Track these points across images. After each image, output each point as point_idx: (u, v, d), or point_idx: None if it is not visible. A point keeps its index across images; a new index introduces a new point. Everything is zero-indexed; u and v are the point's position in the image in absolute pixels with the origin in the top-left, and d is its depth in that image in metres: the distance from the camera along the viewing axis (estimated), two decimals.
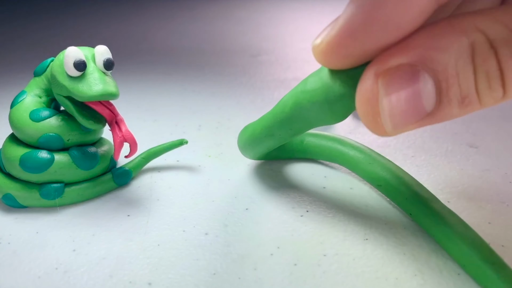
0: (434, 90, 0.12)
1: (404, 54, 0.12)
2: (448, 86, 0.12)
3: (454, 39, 0.12)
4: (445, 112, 0.12)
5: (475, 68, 0.12)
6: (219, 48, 0.54)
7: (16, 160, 0.20)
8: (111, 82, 0.20)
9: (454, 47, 0.12)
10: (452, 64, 0.12)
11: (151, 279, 0.17)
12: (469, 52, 0.12)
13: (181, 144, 0.25)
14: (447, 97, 0.12)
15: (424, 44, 0.12)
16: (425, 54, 0.12)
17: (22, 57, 0.49)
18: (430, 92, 0.12)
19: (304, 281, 0.17)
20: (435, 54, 0.12)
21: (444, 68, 0.12)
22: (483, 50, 0.12)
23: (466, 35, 0.12)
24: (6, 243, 0.19)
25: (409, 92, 0.12)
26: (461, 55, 0.12)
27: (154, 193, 0.23)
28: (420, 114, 0.12)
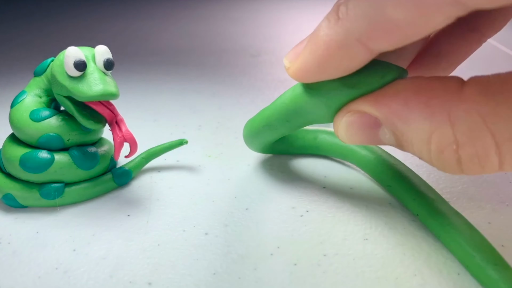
0: (393, 139, 0.15)
1: (377, 106, 0.14)
2: (402, 145, 0.14)
3: (420, 120, 0.13)
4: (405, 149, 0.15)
5: (429, 151, 0.13)
6: (219, 48, 0.54)
7: (16, 160, 0.20)
8: (111, 82, 0.20)
9: (415, 126, 0.13)
10: (408, 136, 0.14)
11: (151, 279, 0.17)
12: (426, 137, 0.13)
13: (181, 144, 0.25)
14: (402, 148, 0.15)
15: (395, 109, 0.14)
16: (391, 118, 0.14)
17: (22, 57, 0.49)
18: (388, 139, 0.15)
19: (304, 281, 0.17)
20: (399, 123, 0.14)
21: (401, 135, 0.14)
22: (442, 143, 0.13)
23: (433, 120, 0.13)
24: (6, 243, 0.19)
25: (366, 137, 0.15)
26: (418, 135, 0.13)
27: (154, 193, 0.23)
28: (378, 143, 0.15)
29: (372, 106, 0.15)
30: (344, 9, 0.14)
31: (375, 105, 0.15)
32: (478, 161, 0.12)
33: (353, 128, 0.15)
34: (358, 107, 0.15)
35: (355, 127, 0.15)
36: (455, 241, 0.17)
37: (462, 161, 0.13)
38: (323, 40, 0.14)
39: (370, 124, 0.15)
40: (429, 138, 0.13)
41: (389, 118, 0.14)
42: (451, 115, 0.13)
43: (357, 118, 0.15)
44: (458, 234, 0.17)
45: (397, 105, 0.14)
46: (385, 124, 0.14)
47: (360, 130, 0.15)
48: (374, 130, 0.15)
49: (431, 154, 0.13)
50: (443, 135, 0.13)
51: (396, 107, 0.14)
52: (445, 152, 0.13)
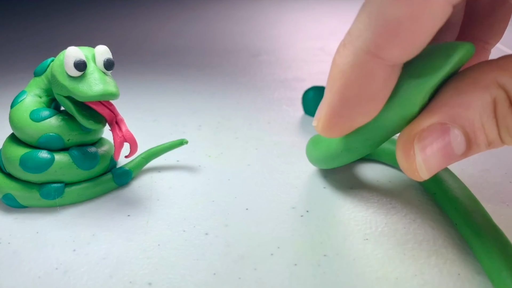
0: (464, 139, 0.14)
1: (434, 114, 0.14)
2: (475, 136, 0.14)
3: (477, 97, 0.13)
4: (474, 152, 0.14)
5: (497, 122, 0.13)
6: (219, 48, 0.54)
7: (16, 160, 0.20)
8: (111, 82, 0.20)
9: (478, 104, 0.13)
10: (477, 119, 0.13)
11: (151, 279, 0.17)
12: (491, 109, 0.13)
13: (181, 144, 0.25)
14: (475, 143, 0.14)
15: (451, 102, 0.14)
16: (452, 112, 0.14)
17: (22, 57, 0.49)
18: (460, 143, 0.14)
19: (304, 281, 0.17)
20: (461, 111, 0.13)
21: (471, 123, 0.13)
22: (504, 107, 0.13)
23: (489, 91, 0.13)
24: (6, 243, 0.19)
25: (441, 145, 0.14)
26: (484, 111, 0.13)
27: (154, 193, 0.23)
28: (452, 158, 0.14)
29: (430, 115, 0.14)
30: (347, 36, 0.13)
31: (432, 114, 0.14)
32: None
33: (428, 149, 0.14)
34: (419, 126, 0.14)
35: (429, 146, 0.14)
36: (486, 254, 0.17)
37: None
38: (337, 71, 0.14)
39: (440, 133, 0.14)
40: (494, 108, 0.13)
41: (451, 113, 0.14)
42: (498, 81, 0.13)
43: (426, 136, 0.14)
44: (490, 247, 0.17)
45: (451, 99, 0.14)
46: (452, 123, 0.14)
47: (435, 147, 0.14)
48: (446, 138, 0.14)
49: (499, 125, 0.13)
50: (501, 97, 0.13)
51: (452, 101, 0.14)
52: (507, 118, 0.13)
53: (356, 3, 0.86)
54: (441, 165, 0.14)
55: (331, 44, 0.56)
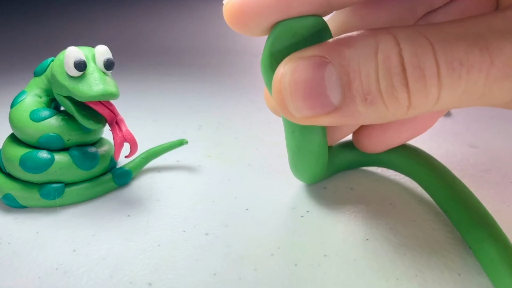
0: (339, 83, 0.13)
1: (317, 47, 0.13)
2: (349, 80, 0.12)
3: (363, 38, 0.12)
4: (351, 109, 0.13)
5: (376, 64, 0.12)
6: (220, 48, 0.54)
7: (16, 160, 0.20)
8: (111, 82, 0.20)
9: (360, 43, 0.12)
10: (355, 59, 0.12)
11: (151, 279, 0.17)
12: (372, 49, 0.12)
13: (181, 144, 0.25)
14: (349, 92, 0.13)
15: (337, 40, 0.13)
16: (334, 47, 0.13)
17: (22, 57, 0.49)
18: (334, 84, 0.13)
19: (304, 282, 0.17)
20: (342, 49, 0.13)
21: (347, 63, 0.12)
22: (387, 47, 0.12)
23: (376, 36, 0.12)
24: (6, 243, 0.19)
25: (312, 77, 0.13)
26: (364, 51, 0.12)
27: (154, 193, 0.23)
28: (327, 106, 0.13)
29: (312, 49, 0.13)
30: None
31: (315, 47, 0.13)
32: (418, 61, 0.12)
33: (297, 74, 0.13)
34: (297, 54, 0.14)
35: (299, 73, 0.13)
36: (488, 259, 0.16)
37: (406, 65, 0.12)
38: None
39: (316, 64, 0.13)
40: (376, 48, 0.12)
41: (333, 48, 0.13)
42: (391, 31, 0.12)
43: (299, 64, 0.13)
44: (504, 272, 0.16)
45: (338, 38, 0.13)
46: (331, 58, 0.13)
47: (305, 77, 0.13)
48: (320, 71, 0.13)
49: (379, 71, 0.12)
50: (387, 41, 0.12)
51: (338, 40, 0.13)
52: (390, 56, 0.12)
53: None
54: (312, 108, 0.13)
55: None
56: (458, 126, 0.31)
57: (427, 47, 0.12)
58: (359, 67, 0.12)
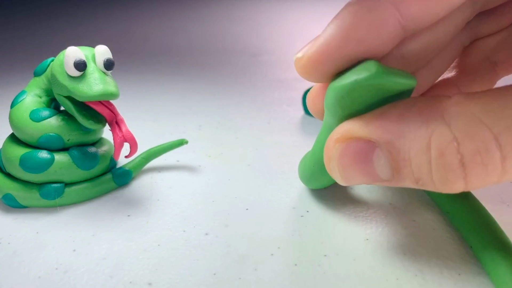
0: (388, 165, 0.13)
1: (367, 127, 0.13)
2: (399, 168, 0.13)
3: (415, 128, 0.12)
4: (402, 183, 0.13)
5: (429, 159, 0.12)
6: (219, 48, 0.54)
7: (16, 160, 0.20)
8: (111, 82, 0.20)
9: (411, 136, 0.12)
10: (405, 151, 0.13)
11: (151, 279, 0.17)
12: (425, 143, 0.12)
13: (181, 144, 0.25)
14: (400, 174, 0.13)
15: (388, 126, 0.13)
16: (384, 136, 0.13)
17: (22, 57, 0.49)
18: (384, 166, 0.13)
19: (304, 282, 0.17)
20: (394, 138, 0.13)
21: (397, 152, 0.13)
22: (442, 142, 0.12)
23: (428, 125, 0.12)
24: (6, 243, 0.19)
25: (360, 159, 0.14)
26: (415, 145, 0.12)
27: (154, 193, 0.23)
28: (376, 179, 0.14)
29: (362, 127, 0.13)
30: None
31: (365, 126, 0.13)
32: (481, 158, 0.12)
33: (346, 157, 0.14)
34: (347, 132, 0.14)
35: (348, 156, 0.14)
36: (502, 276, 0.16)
37: (464, 161, 0.12)
38: (349, 10, 0.13)
39: (363, 149, 0.13)
40: (428, 143, 0.12)
41: (383, 136, 0.13)
42: (445, 117, 0.12)
43: (348, 145, 0.14)
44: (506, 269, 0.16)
45: (390, 122, 0.13)
46: (380, 145, 0.13)
47: (353, 159, 0.14)
48: (369, 157, 0.13)
49: (432, 164, 0.12)
50: (441, 135, 0.12)
51: (389, 123, 0.13)
52: (446, 153, 0.12)
53: None
54: (360, 180, 0.14)
55: None
56: None
57: (490, 142, 0.11)
58: (410, 158, 0.13)
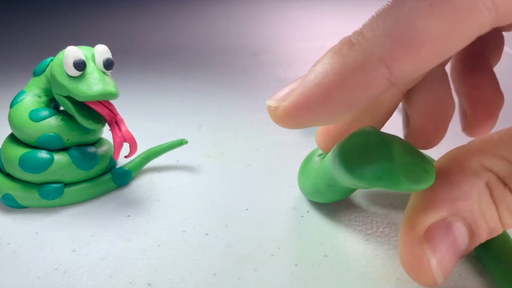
0: (467, 232, 0.13)
1: (433, 210, 0.13)
2: (477, 227, 0.13)
3: (471, 185, 0.13)
4: (475, 244, 0.14)
5: (496, 206, 0.13)
6: (219, 48, 0.54)
7: (15, 160, 0.20)
8: (111, 81, 0.20)
9: (474, 193, 0.13)
10: (477, 209, 0.13)
11: (151, 279, 0.17)
12: (487, 194, 0.13)
13: (181, 144, 0.25)
14: (478, 234, 0.13)
15: (448, 197, 0.13)
16: (452, 206, 0.13)
17: (21, 57, 0.49)
18: (463, 236, 0.13)
19: (304, 282, 0.17)
20: (459, 204, 0.13)
21: (471, 214, 0.13)
22: (498, 189, 0.13)
23: (480, 177, 0.13)
24: (6, 243, 0.19)
25: (448, 242, 0.13)
26: (482, 198, 0.13)
27: (154, 193, 0.23)
28: (459, 255, 0.13)
29: (429, 212, 0.13)
30: (358, 36, 0.12)
31: (431, 210, 0.13)
32: None
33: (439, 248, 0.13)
34: (421, 225, 0.13)
35: (439, 245, 0.13)
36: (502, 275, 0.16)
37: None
38: (332, 66, 0.12)
39: (445, 230, 0.13)
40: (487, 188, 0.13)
41: (452, 208, 0.13)
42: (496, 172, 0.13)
43: (433, 235, 0.13)
44: None
45: (446, 192, 0.13)
46: (454, 217, 0.13)
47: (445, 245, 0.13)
48: (451, 234, 0.13)
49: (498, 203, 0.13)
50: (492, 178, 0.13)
51: (447, 194, 0.13)
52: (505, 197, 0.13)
53: (356, 3, 0.86)
54: (452, 265, 0.13)
55: (332, 43, 0.55)
56: (458, 126, 0.31)
57: None
58: (483, 213, 0.13)
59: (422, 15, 0.11)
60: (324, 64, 0.13)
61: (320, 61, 0.13)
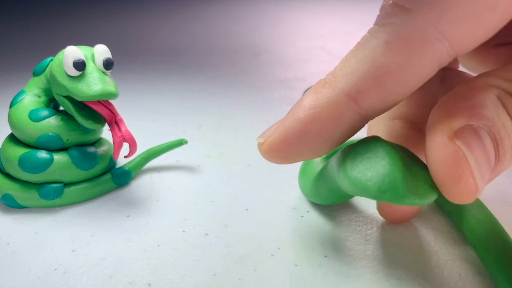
0: (492, 144, 0.12)
1: (458, 117, 0.12)
2: (501, 138, 0.12)
3: (483, 96, 0.12)
4: (501, 166, 0.13)
5: None
6: (219, 47, 0.54)
7: (15, 160, 0.20)
8: (111, 81, 0.20)
9: (489, 102, 0.12)
10: (496, 117, 0.12)
11: (150, 280, 0.17)
12: (501, 106, 0.12)
13: (180, 144, 0.24)
14: (502, 148, 0.12)
15: (467, 106, 0.12)
16: (473, 113, 0.12)
17: (21, 57, 0.49)
18: (490, 146, 0.12)
19: (304, 282, 0.17)
20: (481, 111, 0.12)
21: (493, 122, 0.12)
22: (510, 101, 0.12)
23: (491, 91, 0.13)
24: (5, 243, 0.19)
25: (481, 149, 0.12)
26: (498, 108, 0.12)
27: (153, 193, 0.22)
28: (491, 168, 0.12)
29: (454, 118, 0.12)
30: (330, 76, 0.14)
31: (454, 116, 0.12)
32: None
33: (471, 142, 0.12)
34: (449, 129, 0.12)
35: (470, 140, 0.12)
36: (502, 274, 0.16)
37: None
38: (308, 103, 0.14)
39: (474, 135, 0.12)
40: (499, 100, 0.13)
41: (475, 114, 0.12)
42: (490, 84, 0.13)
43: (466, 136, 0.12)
44: None
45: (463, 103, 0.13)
46: (478, 123, 0.12)
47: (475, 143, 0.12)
48: (481, 142, 0.12)
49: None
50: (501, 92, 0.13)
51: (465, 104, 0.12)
52: None
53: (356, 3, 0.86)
54: (487, 177, 0.12)
55: (332, 43, 0.56)
56: None
57: None
58: (504, 124, 0.12)
59: (380, 52, 0.12)
60: (301, 101, 0.14)
61: (299, 99, 0.14)
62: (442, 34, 0.12)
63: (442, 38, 0.12)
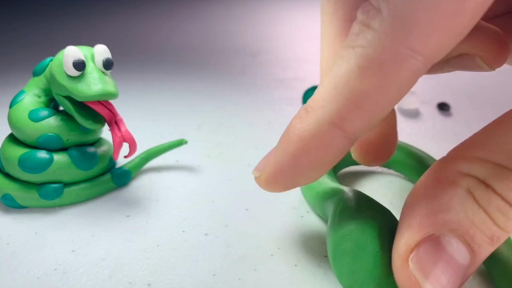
0: (462, 245, 0.12)
1: (416, 230, 0.13)
2: (472, 236, 0.12)
3: (450, 195, 0.12)
4: (481, 255, 0.13)
5: (484, 210, 0.12)
6: (219, 47, 0.54)
7: (15, 160, 0.20)
8: (110, 81, 0.20)
9: (455, 202, 0.12)
10: (463, 217, 0.12)
11: (150, 280, 0.17)
12: (471, 200, 0.12)
13: (180, 144, 0.24)
14: (476, 245, 0.12)
15: (427, 211, 0.13)
16: (434, 220, 0.12)
17: (21, 57, 0.49)
18: (459, 249, 0.12)
19: (304, 282, 0.16)
20: (443, 216, 0.12)
21: (459, 224, 0.12)
22: (481, 192, 0.12)
23: (459, 185, 0.12)
24: (5, 243, 0.19)
25: (442, 264, 0.12)
26: (466, 206, 0.12)
27: (153, 193, 0.22)
28: (462, 271, 0.12)
29: (412, 232, 0.13)
30: (311, 103, 0.14)
31: (414, 229, 0.13)
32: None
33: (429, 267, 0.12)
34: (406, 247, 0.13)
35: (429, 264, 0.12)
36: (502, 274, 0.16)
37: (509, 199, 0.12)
38: (295, 134, 0.14)
39: (433, 246, 0.12)
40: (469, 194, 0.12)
41: (435, 222, 0.12)
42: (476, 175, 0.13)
43: (421, 256, 0.12)
44: None
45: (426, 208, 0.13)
46: (439, 231, 0.12)
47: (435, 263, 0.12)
48: (441, 249, 0.12)
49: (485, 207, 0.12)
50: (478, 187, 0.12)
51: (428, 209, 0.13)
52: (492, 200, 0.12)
53: None
54: (455, 283, 0.12)
55: None
56: (458, 126, 0.31)
57: None
58: (472, 221, 0.12)
59: (354, 77, 0.12)
60: (289, 132, 0.14)
61: (287, 128, 0.14)
62: (412, 50, 0.11)
63: (414, 53, 0.11)
